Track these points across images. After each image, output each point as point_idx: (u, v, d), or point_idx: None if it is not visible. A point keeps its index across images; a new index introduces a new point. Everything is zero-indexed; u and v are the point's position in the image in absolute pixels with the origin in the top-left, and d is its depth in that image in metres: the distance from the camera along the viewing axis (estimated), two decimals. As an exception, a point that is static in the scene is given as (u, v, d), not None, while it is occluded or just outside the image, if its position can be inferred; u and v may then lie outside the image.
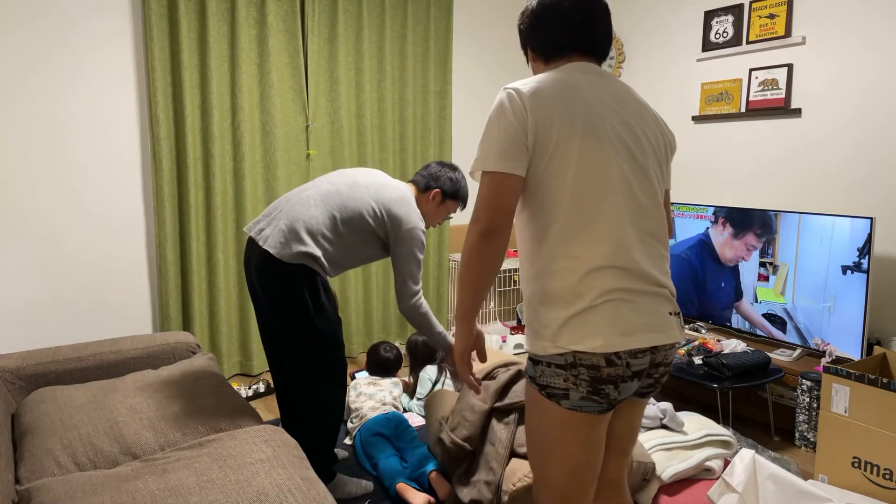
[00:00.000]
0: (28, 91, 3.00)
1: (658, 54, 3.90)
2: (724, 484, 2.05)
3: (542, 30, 1.45)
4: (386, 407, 2.74)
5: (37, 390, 2.23)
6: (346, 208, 2.16)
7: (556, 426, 1.35)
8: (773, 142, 3.35)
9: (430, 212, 2.37)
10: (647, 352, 1.31)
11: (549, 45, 1.45)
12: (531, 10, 1.47)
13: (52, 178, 3.10)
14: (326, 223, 2.14)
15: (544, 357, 1.33)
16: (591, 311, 1.28)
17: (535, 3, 1.46)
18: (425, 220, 2.37)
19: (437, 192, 2.33)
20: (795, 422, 2.80)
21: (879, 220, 2.95)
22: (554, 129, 1.30)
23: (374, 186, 2.22)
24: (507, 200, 1.30)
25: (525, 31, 1.49)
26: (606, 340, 1.26)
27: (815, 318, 2.96)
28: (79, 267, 3.21)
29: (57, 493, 1.53)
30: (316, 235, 2.13)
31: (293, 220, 2.14)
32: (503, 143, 1.30)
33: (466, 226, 4.53)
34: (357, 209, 2.16)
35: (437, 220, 2.42)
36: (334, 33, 3.69)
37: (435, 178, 2.35)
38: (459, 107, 4.42)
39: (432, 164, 2.38)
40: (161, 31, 3.20)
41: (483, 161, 1.31)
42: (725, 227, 3.33)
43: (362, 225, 2.17)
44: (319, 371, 2.19)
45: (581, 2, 1.41)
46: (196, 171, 3.36)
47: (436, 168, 2.37)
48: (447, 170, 2.37)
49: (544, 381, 1.34)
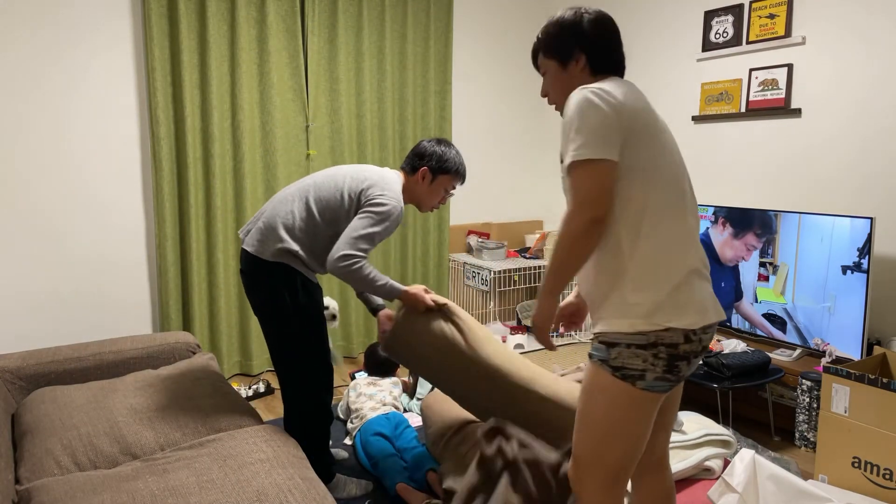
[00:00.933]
0: (28, 91, 3.00)
1: (658, 54, 3.90)
2: (724, 484, 2.05)
3: (607, 43, 1.52)
4: (386, 407, 2.74)
5: (37, 390, 2.23)
6: (321, 197, 2.11)
7: (626, 407, 1.40)
8: (773, 142, 3.35)
9: (424, 193, 2.25)
10: (713, 327, 1.42)
11: (609, 60, 1.53)
12: (597, 20, 1.52)
13: (52, 178, 3.10)
14: (303, 215, 2.10)
15: (626, 337, 1.37)
16: (681, 289, 1.38)
17: (597, 14, 1.53)
18: (422, 203, 2.27)
19: (424, 170, 2.22)
20: (795, 422, 2.80)
21: (879, 220, 2.95)
22: (641, 121, 1.40)
23: (353, 171, 2.17)
24: (611, 186, 1.37)
25: (590, 38, 1.51)
26: (694, 317, 1.37)
27: (815, 318, 2.96)
28: (79, 267, 3.21)
29: (57, 492, 1.53)
30: (293, 230, 2.09)
31: (271, 217, 2.12)
32: (602, 132, 1.36)
33: (467, 225, 4.53)
34: (332, 194, 2.11)
35: (434, 201, 2.28)
36: (334, 33, 3.70)
37: (420, 156, 2.23)
38: (459, 107, 4.42)
39: (421, 143, 2.28)
40: (161, 32, 3.20)
41: (586, 149, 1.35)
42: (725, 227, 3.33)
43: (338, 210, 2.10)
44: (299, 373, 2.16)
45: (617, 28, 1.56)
46: (196, 171, 3.36)
47: (422, 146, 2.25)
48: (433, 144, 2.25)
49: (620, 362, 1.38)
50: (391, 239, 4.10)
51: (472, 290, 4.55)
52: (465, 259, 4.38)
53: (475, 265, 4.26)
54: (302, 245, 2.10)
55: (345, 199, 2.10)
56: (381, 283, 2.06)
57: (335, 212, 2.10)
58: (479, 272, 4.25)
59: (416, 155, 2.25)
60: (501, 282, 4.51)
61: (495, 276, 4.37)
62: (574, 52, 1.52)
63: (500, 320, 4.63)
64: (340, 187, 2.12)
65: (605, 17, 1.53)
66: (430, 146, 2.24)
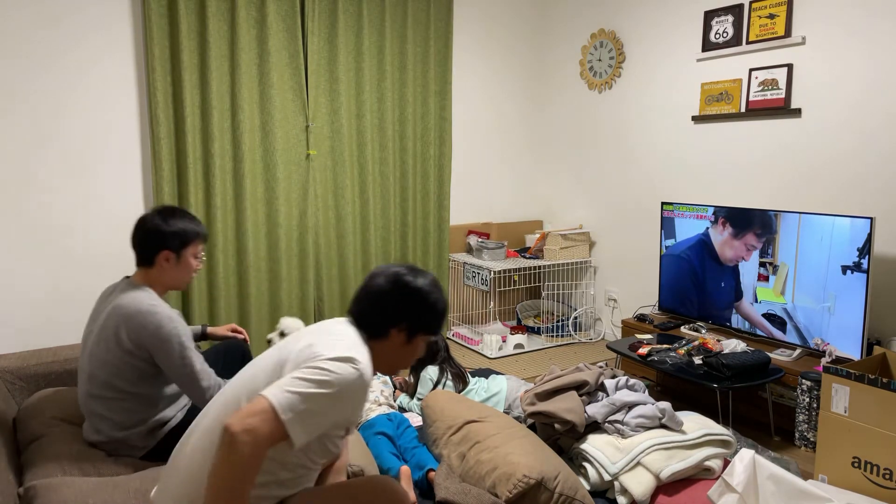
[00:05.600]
0: (28, 91, 3.00)
1: (658, 54, 3.90)
2: (723, 484, 2.05)
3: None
4: (381, 407, 2.73)
5: (39, 391, 2.23)
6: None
7: None
8: (773, 142, 3.35)
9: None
10: None
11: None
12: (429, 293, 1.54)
13: (52, 178, 3.10)
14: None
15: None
16: None
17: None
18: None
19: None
20: (795, 422, 2.81)
21: (879, 220, 2.95)
22: None
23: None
24: None
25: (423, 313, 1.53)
26: None
27: (814, 317, 2.96)
28: (79, 266, 3.21)
29: (65, 496, 1.53)
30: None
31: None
32: None
33: (467, 225, 4.52)
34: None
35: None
36: (334, 33, 3.69)
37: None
38: (459, 107, 4.42)
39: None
40: (161, 31, 3.20)
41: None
42: (725, 227, 3.33)
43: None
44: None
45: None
46: (196, 171, 3.36)
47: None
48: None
49: None
50: (392, 239, 4.10)
51: (472, 290, 4.55)
52: (465, 259, 4.38)
53: (475, 265, 4.26)
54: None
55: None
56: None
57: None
58: (478, 272, 4.25)
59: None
60: (501, 282, 4.51)
61: (495, 275, 4.37)
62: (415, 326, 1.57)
63: (500, 320, 4.63)
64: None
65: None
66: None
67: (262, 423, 1.23)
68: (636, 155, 4.10)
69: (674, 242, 3.60)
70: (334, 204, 3.86)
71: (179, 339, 1.83)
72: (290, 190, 3.66)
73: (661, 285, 3.70)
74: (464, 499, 2.00)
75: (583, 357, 4.00)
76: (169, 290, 2.04)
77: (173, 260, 1.97)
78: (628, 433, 2.31)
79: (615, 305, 4.34)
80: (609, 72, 4.22)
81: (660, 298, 3.72)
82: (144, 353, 1.83)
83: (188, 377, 1.83)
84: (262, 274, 3.64)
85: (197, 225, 1.99)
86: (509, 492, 1.96)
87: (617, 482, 2.18)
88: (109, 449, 1.86)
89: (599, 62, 4.29)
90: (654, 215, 4.00)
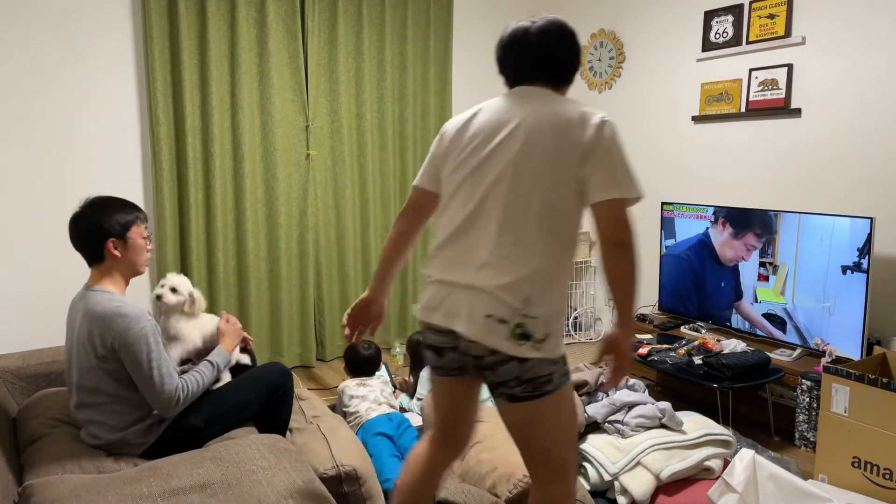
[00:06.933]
0: (28, 91, 3.00)
1: (658, 54, 3.90)
2: (724, 484, 2.06)
3: (500, 57, 1.75)
4: (382, 407, 2.73)
5: (39, 391, 2.23)
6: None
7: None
8: (773, 142, 3.35)
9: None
10: (446, 332, 1.55)
11: (506, 76, 1.77)
12: (502, 36, 1.70)
13: (52, 178, 3.10)
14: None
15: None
16: (424, 289, 1.59)
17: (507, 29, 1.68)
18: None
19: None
20: (795, 422, 2.81)
21: (879, 220, 2.95)
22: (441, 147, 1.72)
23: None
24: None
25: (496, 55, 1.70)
26: (421, 313, 1.59)
27: (814, 317, 2.96)
28: (80, 267, 3.20)
29: (60, 492, 1.53)
30: None
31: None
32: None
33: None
34: None
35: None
36: (334, 33, 3.69)
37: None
38: (459, 106, 4.42)
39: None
40: (161, 31, 3.20)
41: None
42: (725, 227, 3.33)
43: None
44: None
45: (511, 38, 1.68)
46: (196, 171, 3.36)
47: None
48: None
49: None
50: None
51: (472, 290, 4.54)
52: (465, 259, 4.37)
53: (475, 265, 4.25)
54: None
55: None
56: (210, 377, 1.97)
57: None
58: (479, 272, 4.24)
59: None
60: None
61: (495, 275, 4.37)
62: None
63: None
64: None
65: (506, 31, 1.64)
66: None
67: (628, 216, 1.41)
68: (636, 155, 4.10)
69: (674, 242, 3.61)
70: (334, 204, 3.86)
71: (147, 340, 1.80)
72: (290, 190, 3.66)
73: (661, 285, 3.70)
74: (464, 499, 2.00)
75: (583, 357, 4.00)
76: (130, 277, 2.01)
77: (121, 247, 1.93)
78: (628, 433, 2.31)
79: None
80: (609, 72, 4.22)
81: (660, 298, 3.72)
82: (117, 356, 1.80)
83: (150, 381, 1.79)
84: (262, 274, 3.64)
85: (132, 207, 1.97)
86: (509, 492, 1.96)
87: (617, 482, 2.18)
88: (109, 449, 1.86)
89: (599, 62, 4.29)
90: (654, 215, 4.01)
